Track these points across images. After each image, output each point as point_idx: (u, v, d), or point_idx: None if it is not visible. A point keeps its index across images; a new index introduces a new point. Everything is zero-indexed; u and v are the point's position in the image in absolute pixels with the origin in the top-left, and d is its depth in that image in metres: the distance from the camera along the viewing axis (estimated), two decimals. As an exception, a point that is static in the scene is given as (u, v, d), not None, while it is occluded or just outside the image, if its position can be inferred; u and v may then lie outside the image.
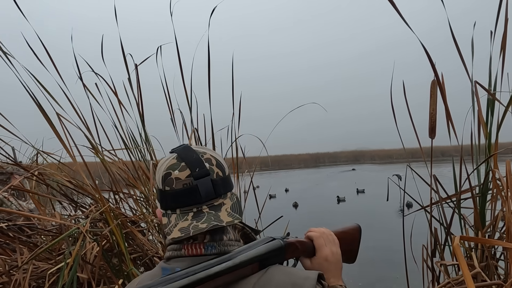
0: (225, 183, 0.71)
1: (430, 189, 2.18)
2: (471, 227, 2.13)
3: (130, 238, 2.32)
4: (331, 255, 0.78)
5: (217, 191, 0.68)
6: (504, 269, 1.94)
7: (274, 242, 0.71)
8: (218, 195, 0.69)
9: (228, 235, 0.71)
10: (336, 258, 0.79)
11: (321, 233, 0.81)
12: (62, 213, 2.77)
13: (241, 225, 0.76)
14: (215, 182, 0.68)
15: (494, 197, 2.02)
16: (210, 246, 0.68)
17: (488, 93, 2.05)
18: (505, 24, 1.97)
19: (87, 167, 2.17)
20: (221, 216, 0.66)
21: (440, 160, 9.51)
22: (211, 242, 0.68)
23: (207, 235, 0.69)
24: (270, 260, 0.68)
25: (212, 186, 0.68)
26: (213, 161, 0.71)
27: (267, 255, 0.67)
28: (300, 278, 0.63)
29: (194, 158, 0.69)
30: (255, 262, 0.65)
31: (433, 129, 2.10)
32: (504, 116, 1.97)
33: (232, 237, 0.72)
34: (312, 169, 52.17)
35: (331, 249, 0.79)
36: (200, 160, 0.69)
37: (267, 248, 0.68)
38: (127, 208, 2.73)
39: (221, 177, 0.70)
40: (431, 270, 2.17)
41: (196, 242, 0.68)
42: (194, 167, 0.68)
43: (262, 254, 0.66)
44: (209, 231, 0.68)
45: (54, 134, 2.03)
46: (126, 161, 2.73)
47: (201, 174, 0.68)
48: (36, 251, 1.83)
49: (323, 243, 0.79)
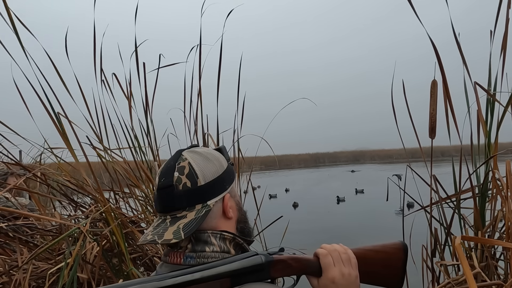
0: (192, 195, 0.67)
1: (430, 189, 2.18)
2: (471, 227, 2.13)
3: (130, 238, 2.33)
4: (340, 277, 0.70)
5: (177, 204, 0.67)
6: (504, 269, 1.94)
7: (253, 258, 0.66)
8: (179, 207, 0.67)
9: (212, 247, 0.68)
10: (348, 280, 0.70)
11: (330, 251, 0.72)
12: (62, 213, 2.77)
13: (231, 235, 0.71)
14: (176, 194, 0.66)
15: (494, 197, 2.02)
16: (189, 257, 0.67)
17: (488, 93, 2.05)
18: (506, 24, 1.97)
19: (90, 167, 2.17)
20: (167, 231, 0.65)
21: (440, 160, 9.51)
22: (191, 252, 0.67)
23: (189, 245, 0.68)
24: (247, 276, 0.64)
25: (171, 199, 0.66)
26: (185, 170, 0.68)
27: (241, 271, 0.63)
28: None
29: (168, 166, 0.69)
30: (225, 277, 0.62)
31: (433, 129, 2.10)
32: (503, 116, 1.97)
33: (217, 249, 0.68)
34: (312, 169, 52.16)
35: (341, 270, 0.70)
36: (171, 169, 0.68)
37: (241, 264, 0.64)
38: (127, 208, 2.73)
39: (188, 189, 0.67)
40: (431, 270, 2.17)
41: (180, 251, 0.68)
42: (161, 177, 0.69)
43: (235, 270, 0.63)
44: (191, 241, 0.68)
45: (58, 133, 2.03)
46: (129, 160, 2.73)
47: (163, 184, 0.67)
48: (36, 251, 1.83)
49: (330, 263, 0.71)
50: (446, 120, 2.07)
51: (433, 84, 2.04)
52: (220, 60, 2.38)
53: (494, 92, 2.07)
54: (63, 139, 2.04)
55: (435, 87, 2.04)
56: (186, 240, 0.68)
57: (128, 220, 2.34)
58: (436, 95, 2.04)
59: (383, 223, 9.79)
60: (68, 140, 2.05)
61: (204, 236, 0.68)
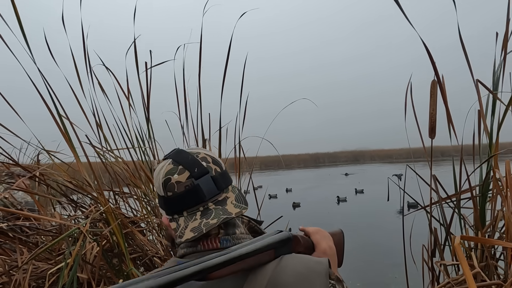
0: (224, 177, 0.73)
1: (430, 189, 2.18)
2: (471, 227, 2.13)
3: (130, 238, 2.33)
4: (328, 249, 0.80)
5: (219, 187, 0.71)
6: (504, 269, 1.95)
7: (283, 233, 0.72)
8: (220, 190, 0.71)
9: (239, 229, 0.74)
10: (333, 252, 0.82)
11: (316, 229, 0.84)
12: (62, 213, 2.77)
13: (247, 218, 0.78)
14: (215, 178, 0.71)
15: (494, 197, 2.02)
16: (225, 240, 0.70)
17: (490, 92, 2.05)
18: (506, 24, 1.97)
19: (91, 167, 2.17)
20: (229, 209, 0.69)
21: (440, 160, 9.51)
22: (225, 236, 0.71)
23: (221, 230, 0.71)
24: (282, 249, 0.69)
25: (213, 183, 0.70)
26: (208, 159, 0.73)
27: (279, 244, 0.69)
28: (313, 262, 0.65)
29: (190, 159, 0.71)
30: (272, 248, 0.67)
31: (433, 129, 2.10)
32: (505, 115, 1.97)
33: (243, 230, 0.75)
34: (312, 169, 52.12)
35: (327, 243, 0.81)
36: (196, 160, 0.71)
37: (279, 237, 0.70)
38: (127, 208, 2.73)
39: (219, 173, 0.72)
40: (431, 270, 2.17)
41: (210, 237, 0.71)
42: (192, 168, 0.70)
43: (276, 242, 0.68)
44: (222, 226, 0.71)
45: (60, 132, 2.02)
46: (127, 160, 2.73)
47: (200, 173, 0.70)
48: (36, 251, 1.83)
49: (320, 238, 0.81)
50: (447, 120, 2.07)
51: (433, 84, 2.04)
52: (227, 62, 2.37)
53: (496, 92, 2.07)
54: (65, 139, 2.04)
55: (435, 87, 2.04)
56: (216, 227, 0.70)
57: (128, 220, 2.34)
58: (436, 95, 2.04)
59: (383, 223, 9.79)
60: (70, 140, 2.05)
61: (232, 220, 0.73)
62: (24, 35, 1.90)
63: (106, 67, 2.62)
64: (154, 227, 2.54)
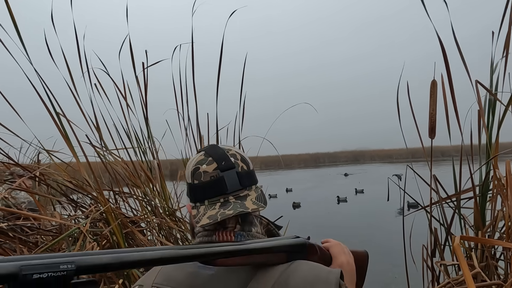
0: (249, 176, 0.75)
1: (430, 189, 2.18)
2: (471, 227, 2.13)
3: (130, 238, 2.33)
4: (346, 264, 0.79)
5: (242, 183, 0.73)
6: (504, 269, 1.95)
7: (299, 238, 0.73)
8: (243, 186, 0.73)
9: (256, 228, 0.75)
10: (351, 268, 0.80)
11: (336, 243, 0.83)
12: (62, 213, 2.77)
13: (266, 221, 0.79)
14: (240, 174, 0.73)
15: (494, 197, 2.02)
16: (240, 235, 0.72)
17: (489, 93, 2.05)
18: (509, 24, 1.97)
19: (90, 167, 2.17)
20: (247, 204, 0.70)
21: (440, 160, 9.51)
22: (241, 231, 0.72)
23: (238, 224, 0.73)
24: (295, 254, 0.70)
25: (237, 178, 0.72)
26: (238, 156, 0.76)
27: (293, 248, 0.70)
28: (324, 271, 0.66)
29: (220, 153, 0.75)
30: (284, 251, 0.68)
31: (433, 129, 2.10)
32: (504, 115, 1.97)
33: (260, 230, 0.76)
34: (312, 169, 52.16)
35: (346, 258, 0.81)
36: (225, 155, 0.74)
37: (294, 242, 0.71)
38: (127, 208, 2.73)
39: (245, 171, 0.75)
40: (431, 270, 2.17)
41: (227, 230, 0.72)
42: (220, 161, 0.73)
43: (290, 245, 0.69)
44: (239, 222, 0.73)
45: (59, 132, 2.03)
46: (127, 160, 2.73)
47: (226, 166, 0.73)
48: (36, 251, 1.83)
49: (340, 251, 0.81)
50: (447, 120, 2.07)
51: (433, 84, 2.04)
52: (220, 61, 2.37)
53: (496, 92, 2.07)
54: (64, 139, 2.04)
55: (434, 87, 2.03)
56: (233, 221, 0.73)
57: (128, 220, 2.34)
58: (436, 95, 2.04)
59: (383, 223, 9.79)
60: (69, 140, 2.05)
61: (250, 218, 0.75)
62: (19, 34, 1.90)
63: (104, 68, 2.62)
64: (154, 227, 2.54)
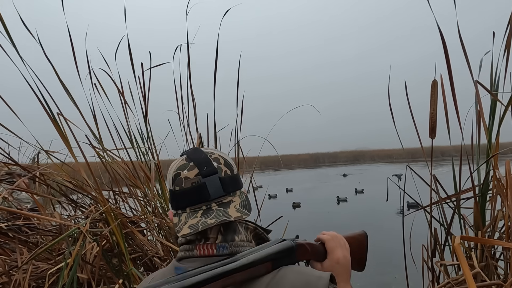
0: (233, 181, 0.72)
1: (430, 189, 2.18)
2: (471, 227, 2.13)
3: (130, 238, 2.32)
4: (342, 259, 0.78)
5: (225, 189, 0.70)
6: (504, 269, 1.94)
7: (285, 242, 0.70)
8: (226, 192, 0.70)
9: (240, 236, 0.71)
10: (347, 262, 0.79)
11: (332, 236, 0.80)
12: (62, 213, 2.76)
13: (253, 225, 0.76)
14: (223, 180, 0.70)
15: (494, 197, 2.02)
16: (221, 246, 0.69)
17: (489, 93, 2.04)
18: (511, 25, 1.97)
19: (89, 167, 2.17)
20: (230, 212, 0.68)
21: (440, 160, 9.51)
22: (223, 242, 0.69)
23: (219, 235, 0.69)
24: (282, 260, 0.68)
25: (220, 184, 0.69)
26: (221, 160, 0.73)
27: (278, 255, 0.67)
28: (313, 277, 0.63)
29: (202, 158, 0.71)
30: (268, 261, 0.65)
31: (433, 129, 2.09)
32: (504, 115, 1.97)
33: (244, 238, 0.72)
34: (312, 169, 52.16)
35: (342, 252, 0.78)
36: (208, 159, 0.71)
37: (278, 248, 0.68)
38: (127, 208, 2.73)
39: (229, 176, 0.72)
40: (431, 270, 2.17)
41: (208, 243, 0.69)
42: (202, 166, 0.70)
43: (274, 253, 0.67)
44: (221, 232, 0.70)
45: (57, 133, 2.02)
46: (126, 161, 2.73)
47: (208, 172, 0.70)
48: (36, 251, 1.83)
49: (335, 246, 0.79)
50: (446, 120, 2.07)
51: (433, 84, 2.04)
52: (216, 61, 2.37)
53: (496, 92, 2.07)
54: (62, 139, 2.04)
55: (435, 87, 2.03)
56: (215, 231, 0.69)
57: (128, 220, 2.34)
58: (437, 95, 2.04)
59: (383, 223, 9.79)
60: (68, 140, 2.05)
61: (233, 225, 0.71)
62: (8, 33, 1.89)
63: (107, 65, 2.61)
64: (154, 227, 2.54)
